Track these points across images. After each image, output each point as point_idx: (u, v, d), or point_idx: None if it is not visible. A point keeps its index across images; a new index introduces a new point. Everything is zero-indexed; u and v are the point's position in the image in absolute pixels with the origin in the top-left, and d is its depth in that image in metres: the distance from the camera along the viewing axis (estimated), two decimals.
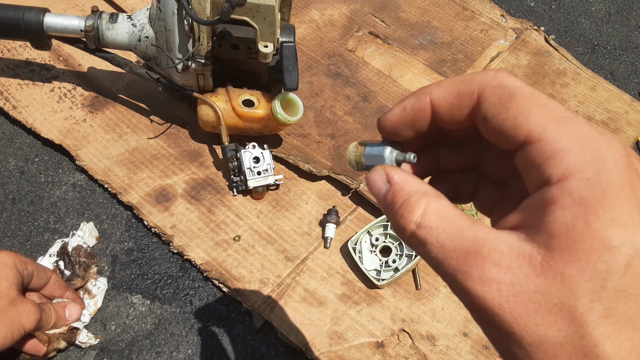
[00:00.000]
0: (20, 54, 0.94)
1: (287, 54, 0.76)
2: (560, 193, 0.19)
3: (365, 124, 0.93)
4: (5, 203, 0.80)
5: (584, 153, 0.20)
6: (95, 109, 0.89)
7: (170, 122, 0.89)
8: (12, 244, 0.76)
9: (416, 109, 0.25)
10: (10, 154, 0.85)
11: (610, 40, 1.18)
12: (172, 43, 0.74)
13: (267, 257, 0.77)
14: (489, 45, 1.08)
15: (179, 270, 0.76)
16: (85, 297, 0.71)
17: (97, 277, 0.73)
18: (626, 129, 0.98)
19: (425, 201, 0.22)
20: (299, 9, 1.08)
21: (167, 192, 0.82)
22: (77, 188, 0.82)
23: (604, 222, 0.19)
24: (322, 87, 0.97)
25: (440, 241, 0.21)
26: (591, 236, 0.19)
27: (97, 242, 0.77)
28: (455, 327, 0.73)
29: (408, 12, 1.11)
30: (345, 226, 0.81)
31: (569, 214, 0.19)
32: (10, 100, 0.88)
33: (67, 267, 0.72)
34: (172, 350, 0.70)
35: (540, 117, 0.21)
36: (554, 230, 0.19)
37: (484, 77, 0.23)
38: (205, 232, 0.78)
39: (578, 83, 1.04)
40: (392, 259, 0.76)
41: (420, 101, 0.25)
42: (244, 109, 0.79)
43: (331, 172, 0.84)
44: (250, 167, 0.79)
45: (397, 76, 1.01)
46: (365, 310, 0.74)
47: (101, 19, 0.78)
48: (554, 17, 1.21)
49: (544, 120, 0.21)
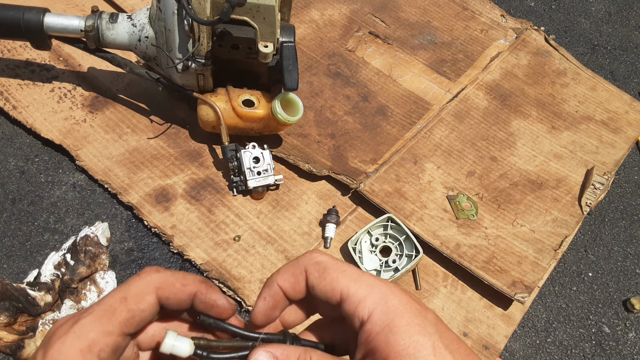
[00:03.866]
0: (21, 54, 0.94)
1: (287, 54, 0.76)
2: (371, 326, 0.29)
3: (365, 124, 0.93)
4: (5, 203, 0.80)
5: (374, 295, 0.29)
6: (95, 109, 0.89)
7: (170, 122, 0.89)
8: (12, 244, 0.76)
9: (272, 294, 0.32)
10: (11, 154, 0.85)
11: (610, 40, 1.18)
12: (172, 43, 0.74)
13: (267, 257, 0.77)
14: (489, 45, 1.07)
15: (179, 270, 0.76)
16: (92, 291, 0.71)
17: (106, 270, 0.73)
18: (626, 129, 0.98)
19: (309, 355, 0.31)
20: (299, 9, 1.08)
21: (167, 192, 0.82)
22: (77, 188, 0.82)
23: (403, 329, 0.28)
24: (322, 87, 0.97)
25: None
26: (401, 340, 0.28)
27: (108, 243, 0.77)
28: (455, 327, 0.73)
29: (408, 12, 1.11)
30: (345, 226, 0.81)
31: (382, 336, 0.28)
32: (11, 100, 0.88)
33: (73, 257, 0.72)
34: None
35: (344, 280, 0.30)
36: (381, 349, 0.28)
37: (304, 258, 0.32)
38: (205, 232, 0.78)
39: (578, 83, 1.04)
40: (392, 259, 0.76)
41: (271, 288, 0.32)
42: (244, 109, 0.79)
43: (331, 172, 0.84)
44: (250, 167, 0.79)
45: (397, 76, 1.01)
46: None
47: (101, 19, 0.78)
48: (554, 17, 1.21)
49: (347, 282, 0.30)
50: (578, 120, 0.98)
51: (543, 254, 0.80)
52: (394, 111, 0.95)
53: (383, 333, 0.28)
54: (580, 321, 0.79)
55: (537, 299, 0.80)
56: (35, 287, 0.68)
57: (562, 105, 1.00)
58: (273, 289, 0.33)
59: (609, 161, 0.93)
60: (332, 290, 0.30)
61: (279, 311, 0.33)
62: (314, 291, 0.31)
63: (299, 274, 0.32)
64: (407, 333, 0.28)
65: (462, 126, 0.95)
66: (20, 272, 0.74)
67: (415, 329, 0.28)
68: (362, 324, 0.29)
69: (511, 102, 1.00)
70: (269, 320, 0.33)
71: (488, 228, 0.82)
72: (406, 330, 0.28)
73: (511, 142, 0.94)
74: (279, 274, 0.33)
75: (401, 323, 0.28)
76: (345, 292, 0.30)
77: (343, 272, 0.31)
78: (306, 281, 0.32)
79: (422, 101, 0.98)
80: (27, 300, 0.67)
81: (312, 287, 0.31)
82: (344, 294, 0.30)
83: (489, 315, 0.75)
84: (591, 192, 0.88)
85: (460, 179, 0.87)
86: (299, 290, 0.32)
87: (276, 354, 0.31)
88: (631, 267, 0.85)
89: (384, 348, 0.28)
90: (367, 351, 0.29)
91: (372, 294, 0.29)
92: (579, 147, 0.95)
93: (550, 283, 0.82)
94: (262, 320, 0.33)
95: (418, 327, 0.29)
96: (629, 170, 0.97)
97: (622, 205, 0.92)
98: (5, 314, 0.65)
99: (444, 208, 0.83)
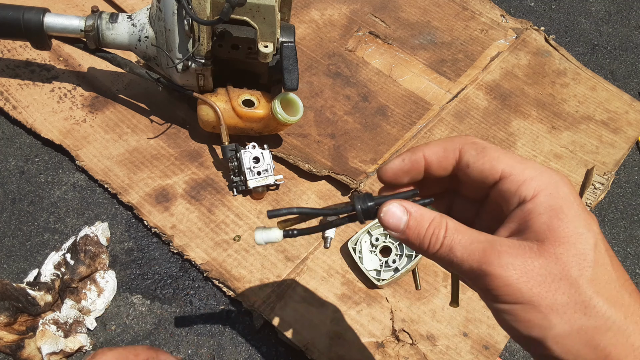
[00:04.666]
0: (21, 54, 0.94)
1: (287, 54, 0.76)
2: (534, 206, 0.28)
3: (365, 124, 0.93)
4: (5, 203, 0.80)
5: (543, 178, 0.29)
6: (95, 109, 0.89)
7: (170, 122, 0.89)
8: (12, 244, 0.76)
9: (413, 160, 0.33)
10: (11, 154, 0.85)
11: (610, 40, 1.18)
12: (172, 43, 0.74)
13: (267, 257, 0.77)
14: (489, 45, 1.07)
15: (179, 270, 0.77)
16: (92, 290, 0.71)
17: (106, 269, 0.73)
18: (626, 129, 0.98)
19: (445, 221, 0.30)
20: (299, 9, 1.08)
21: (167, 192, 0.82)
22: (77, 188, 0.82)
23: (570, 218, 0.28)
24: (322, 87, 0.97)
25: (464, 245, 0.29)
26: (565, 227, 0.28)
27: (108, 243, 0.77)
28: (455, 327, 0.73)
29: (408, 12, 1.11)
30: (345, 226, 0.81)
31: (545, 217, 0.28)
32: (11, 100, 0.88)
33: (73, 256, 0.72)
34: (172, 350, 0.70)
35: (507, 160, 0.30)
36: (539, 229, 0.28)
37: (459, 138, 0.32)
38: (205, 232, 0.78)
39: (578, 83, 1.04)
40: (392, 259, 0.76)
41: (415, 155, 0.33)
42: (244, 109, 0.79)
43: (331, 172, 0.84)
44: (250, 167, 0.79)
45: (397, 76, 1.01)
46: (365, 310, 0.74)
47: (101, 19, 0.78)
48: (554, 17, 1.21)
49: (511, 162, 0.30)
50: (578, 120, 0.98)
51: None
52: (394, 111, 0.95)
53: (547, 216, 0.28)
54: None
55: None
56: (35, 287, 0.68)
57: (562, 105, 1.00)
58: (416, 156, 0.33)
59: (609, 161, 0.93)
60: (492, 168, 0.30)
61: (407, 179, 0.33)
62: (468, 169, 0.31)
63: (451, 151, 0.32)
64: (573, 223, 0.28)
65: (462, 126, 0.95)
66: (20, 272, 0.74)
67: (582, 223, 0.28)
68: (521, 203, 0.29)
69: (511, 102, 1.00)
70: (393, 181, 0.34)
71: None
72: (573, 221, 0.28)
73: (511, 142, 0.94)
74: (428, 146, 0.33)
75: (570, 212, 0.28)
76: (508, 170, 0.30)
77: (505, 153, 0.31)
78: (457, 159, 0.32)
79: (422, 101, 0.98)
80: (27, 300, 0.67)
81: (466, 165, 0.31)
82: (506, 172, 0.30)
83: (489, 315, 0.75)
84: (591, 192, 0.88)
85: None
86: (444, 166, 0.32)
87: (410, 210, 0.31)
88: (631, 267, 0.85)
89: (543, 230, 0.28)
90: (520, 229, 0.29)
91: (542, 176, 0.29)
92: (579, 147, 0.95)
93: None
94: (389, 176, 0.33)
95: (585, 221, 0.28)
96: (629, 170, 0.97)
97: (622, 205, 0.92)
98: (5, 314, 0.65)
99: None
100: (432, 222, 0.30)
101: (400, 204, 0.31)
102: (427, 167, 0.33)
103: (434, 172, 0.33)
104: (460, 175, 0.33)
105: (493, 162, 0.30)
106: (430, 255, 0.31)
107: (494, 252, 0.28)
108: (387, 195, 0.33)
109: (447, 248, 0.29)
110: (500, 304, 0.29)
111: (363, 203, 0.32)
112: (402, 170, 0.33)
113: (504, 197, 0.30)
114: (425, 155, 0.32)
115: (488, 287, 0.28)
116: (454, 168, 0.33)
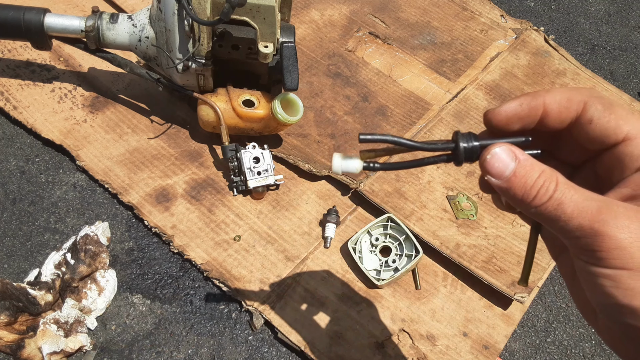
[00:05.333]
0: (21, 55, 0.94)
1: (287, 54, 0.76)
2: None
3: (365, 124, 0.93)
4: (5, 203, 0.80)
5: None
6: (95, 109, 0.89)
7: (171, 122, 0.89)
8: (13, 243, 0.77)
9: (532, 106, 0.30)
10: (11, 154, 0.85)
11: (610, 41, 1.18)
12: (172, 43, 0.75)
13: (267, 257, 0.77)
14: (489, 45, 1.08)
15: (179, 270, 0.77)
16: (93, 289, 0.71)
17: (106, 268, 0.73)
18: None
19: (556, 174, 0.28)
20: (299, 9, 1.09)
21: (167, 192, 0.82)
22: (78, 188, 0.83)
23: None
24: (322, 87, 0.97)
25: (576, 200, 0.27)
26: None
27: (109, 242, 0.77)
28: (455, 327, 0.73)
29: (408, 13, 1.11)
30: (345, 226, 0.81)
31: None
32: (11, 100, 0.88)
33: (74, 256, 0.72)
34: (172, 350, 0.70)
35: (635, 122, 0.28)
36: None
37: (585, 89, 0.29)
38: (205, 232, 0.79)
39: (578, 83, 1.04)
40: (392, 259, 0.76)
41: (535, 101, 0.30)
42: (244, 109, 0.79)
43: (331, 172, 0.84)
44: (250, 167, 0.79)
45: (397, 76, 1.01)
46: (365, 310, 0.74)
47: (101, 20, 0.78)
48: (554, 17, 1.21)
49: (638, 124, 0.28)
50: None
51: (543, 254, 0.80)
52: (393, 111, 0.96)
53: None
54: (580, 321, 0.79)
55: (537, 298, 0.80)
56: (35, 287, 0.68)
57: None
58: (537, 102, 0.30)
59: None
60: (617, 127, 0.28)
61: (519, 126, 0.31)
62: (591, 125, 0.29)
63: (575, 102, 0.29)
64: None
65: (462, 126, 0.95)
66: (21, 272, 0.74)
67: None
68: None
69: None
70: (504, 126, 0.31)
71: (488, 228, 0.82)
72: None
73: None
74: (550, 93, 0.30)
75: None
76: (634, 133, 0.28)
77: (632, 114, 0.28)
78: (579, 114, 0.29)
79: (422, 101, 0.98)
80: (28, 299, 0.67)
81: (589, 120, 0.29)
82: (632, 134, 0.28)
83: (489, 315, 0.75)
84: None
85: (460, 179, 0.87)
86: (563, 118, 0.30)
87: (520, 157, 0.28)
88: None
89: None
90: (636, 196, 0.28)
91: None
92: None
93: (550, 283, 0.82)
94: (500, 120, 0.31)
95: None
96: None
97: None
98: (6, 314, 0.65)
99: (443, 208, 0.83)
100: (542, 173, 0.28)
101: (509, 148, 0.28)
102: (544, 116, 0.30)
103: (549, 123, 0.30)
104: (576, 132, 0.30)
105: (620, 121, 0.28)
106: (531, 208, 0.28)
107: (610, 212, 0.26)
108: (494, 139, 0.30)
109: (556, 202, 0.27)
110: (602, 268, 0.27)
111: (468, 142, 0.29)
112: (517, 116, 0.30)
113: (622, 161, 0.28)
114: (545, 103, 0.29)
115: (595, 248, 0.26)
116: (571, 122, 0.30)
